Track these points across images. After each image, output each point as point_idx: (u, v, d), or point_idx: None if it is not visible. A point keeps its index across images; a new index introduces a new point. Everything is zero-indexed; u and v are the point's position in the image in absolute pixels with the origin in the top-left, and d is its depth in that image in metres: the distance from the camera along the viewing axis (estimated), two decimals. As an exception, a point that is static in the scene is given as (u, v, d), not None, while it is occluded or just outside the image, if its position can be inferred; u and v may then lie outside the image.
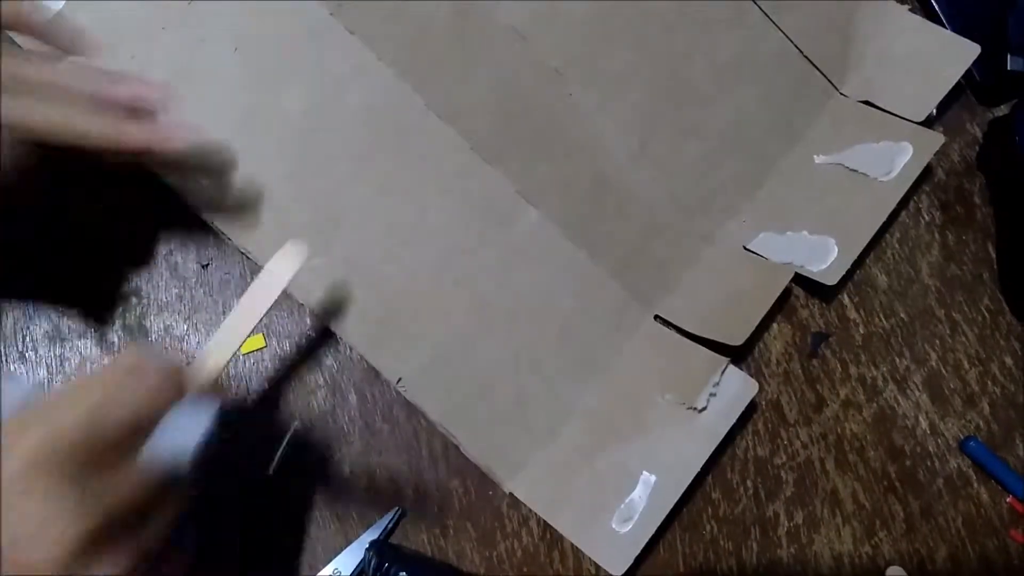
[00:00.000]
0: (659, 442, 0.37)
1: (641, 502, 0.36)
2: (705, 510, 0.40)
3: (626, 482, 0.37)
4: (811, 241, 0.42)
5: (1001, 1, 0.47)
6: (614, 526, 0.36)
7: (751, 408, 0.40)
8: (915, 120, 0.44)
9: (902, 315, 0.44)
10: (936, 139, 0.43)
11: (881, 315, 0.44)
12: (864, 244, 0.42)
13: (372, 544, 0.36)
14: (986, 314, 0.45)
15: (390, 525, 0.36)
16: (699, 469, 0.37)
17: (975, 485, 0.42)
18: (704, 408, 0.38)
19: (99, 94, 0.33)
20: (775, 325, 0.43)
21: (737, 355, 0.39)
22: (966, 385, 0.44)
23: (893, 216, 0.44)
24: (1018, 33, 0.47)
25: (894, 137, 0.44)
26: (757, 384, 0.38)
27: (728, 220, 0.43)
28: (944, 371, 0.44)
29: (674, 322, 0.41)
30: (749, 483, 0.40)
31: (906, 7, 0.47)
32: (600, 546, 0.36)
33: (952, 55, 0.45)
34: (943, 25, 0.47)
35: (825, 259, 0.41)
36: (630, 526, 0.36)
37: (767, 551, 0.40)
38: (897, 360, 0.44)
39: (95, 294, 0.38)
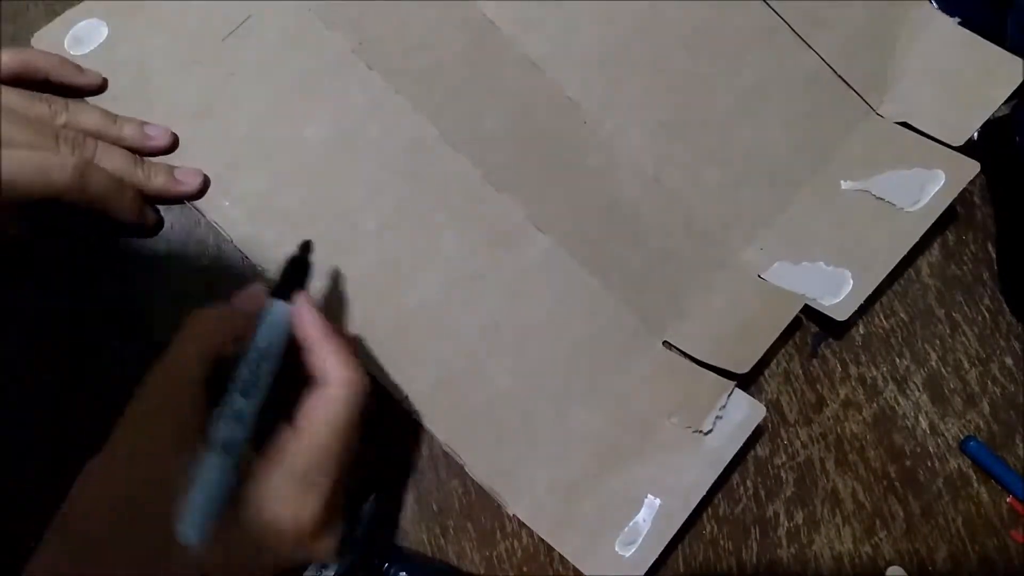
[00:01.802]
0: (664, 466, 0.37)
1: (645, 526, 0.36)
2: (705, 510, 0.40)
3: (631, 506, 0.37)
4: (827, 273, 0.41)
5: (1001, 1, 0.47)
6: (618, 550, 0.36)
7: (758, 432, 0.40)
8: (953, 144, 0.43)
9: (902, 315, 0.44)
10: (971, 167, 0.42)
11: (881, 315, 0.44)
12: (880, 279, 0.41)
13: (372, 544, 0.36)
14: (986, 314, 0.45)
15: (367, 516, 0.36)
16: (704, 493, 0.37)
17: (975, 485, 0.42)
18: (710, 431, 0.37)
19: (106, 134, 0.36)
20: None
21: (744, 379, 0.39)
22: (966, 385, 0.44)
23: (915, 250, 0.42)
24: (1018, 33, 0.47)
25: (927, 163, 0.43)
26: (764, 408, 0.38)
27: (745, 247, 0.43)
28: (944, 371, 0.44)
29: (682, 349, 0.41)
30: (749, 483, 0.40)
31: (955, 20, 0.46)
32: (603, 570, 0.36)
33: (999, 73, 0.44)
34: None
35: (839, 293, 0.41)
36: (633, 550, 0.36)
37: (767, 551, 0.40)
38: (897, 360, 0.44)
39: (95, 294, 0.38)
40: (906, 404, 0.43)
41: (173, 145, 0.39)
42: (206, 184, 0.39)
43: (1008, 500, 0.42)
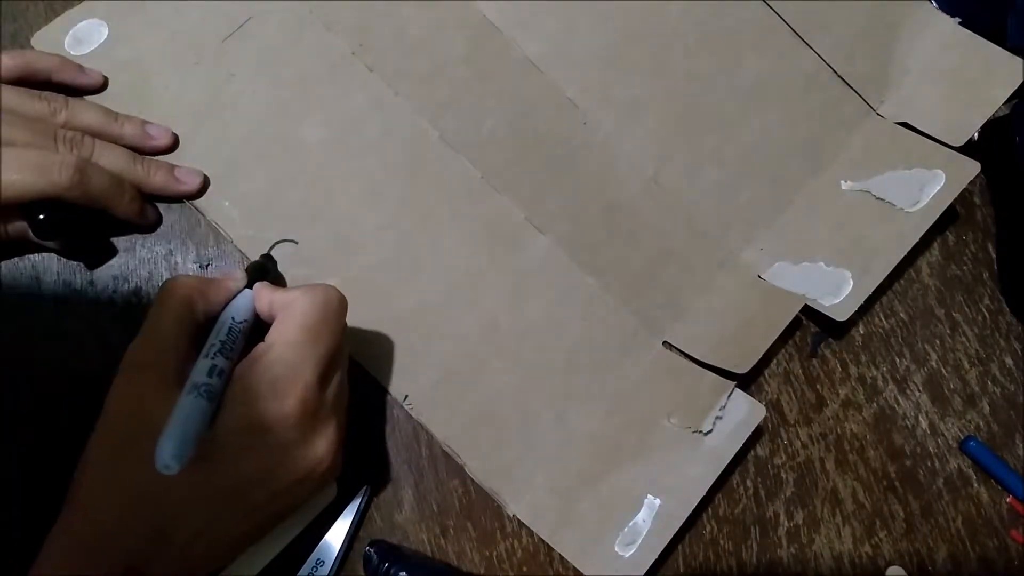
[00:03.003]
0: (664, 466, 0.37)
1: (645, 526, 0.36)
2: (705, 510, 0.40)
3: (630, 506, 0.37)
4: (826, 273, 0.41)
5: (1001, 1, 0.47)
6: (617, 550, 0.36)
7: (758, 433, 0.40)
8: (954, 145, 0.43)
9: (902, 315, 0.44)
10: (971, 168, 0.42)
11: (881, 315, 0.44)
12: (880, 280, 0.41)
13: (372, 544, 0.36)
14: (986, 314, 0.45)
15: (361, 506, 0.36)
16: (704, 493, 0.37)
17: (975, 485, 0.42)
18: (710, 431, 0.37)
19: (106, 132, 0.36)
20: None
21: (744, 379, 0.39)
22: (966, 385, 0.44)
23: (915, 250, 0.42)
24: (1018, 33, 0.47)
25: (928, 164, 0.43)
26: (764, 408, 0.38)
27: (744, 247, 0.43)
28: (944, 371, 0.44)
29: (682, 349, 0.41)
30: (749, 483, 0.40)
31: (956, 20, 0.46)
32: (603, 570, 0.36)
33: (1000, 74, 0.44)
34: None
35: (839, 293, 0.41)
36: (633, 550, 0.36)
37: (767, 551, 0.40)
38: (897, 360, 0.44)
39: (95, 294, 0.38)
40: (906, 404, 0.43)
41: (174, 145, 0.39)
42: (206, 184, 0.39)
43: (1008, 500, 0.42)
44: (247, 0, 0.42)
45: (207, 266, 0.39)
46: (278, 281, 0.37)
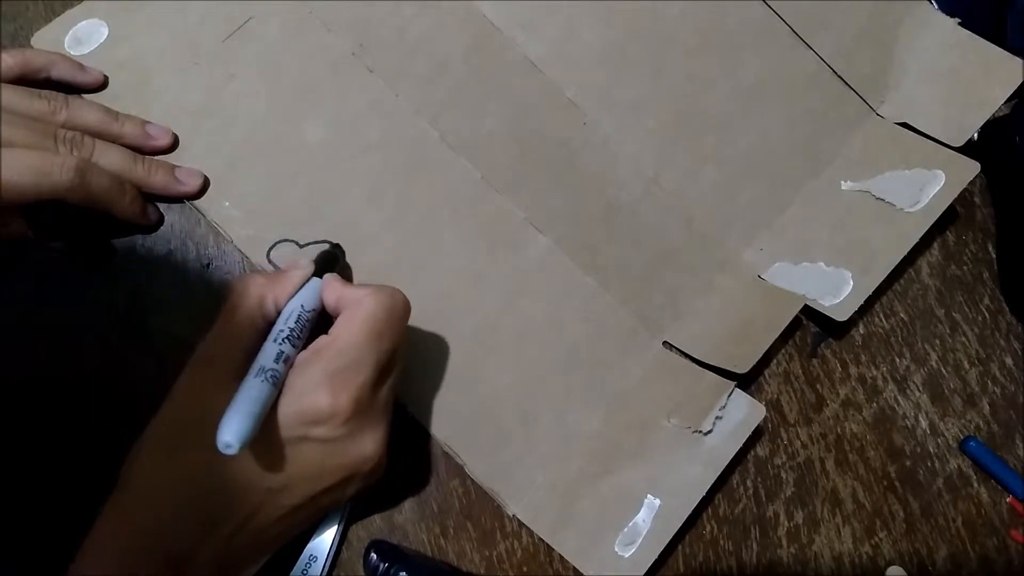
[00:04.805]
0: (664, 466, 0.37)
1: (645, 526, 0.36)
2: (705, 510, 0.40)
3: (630, 506, 0.37)
4: (827, 273, 0.41)
5: (1001, 1, 0.47)
6: (617, 550, 0.36)
7: (757, 433, 0.40)
8: (953, 145, 0.43)
9: (902, 315, 0.44)
10: (971, 168, 0.42)
11: (881, 315, 0.44)
12: (881, 279, 0.41)
13: (372, 544, 0.36)
14: (986, 314, 0.45)
15: (348, 503, 0.36)
16: (704, 494, 0.37)
17: (975, 485, 0.42)
18: (710, 431, 0.37)
19: (107, 131, 0.36)
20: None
21: (744, 379, 0.39)
22: (966, 385, 0.44)
23: (915, 250, 0.42)
24: (1018, 33, 0.47)
25: (927, 164, 0.43)
26: (764, 409, 0.38)
27: (745, 248, 0.43)
28: (944, 371, 0.44)
29: (682, 349, 0.41)
30: (749, 483, 0.40)
31: (955, 20, 0.46)
32: (602, 570, 0.36)
33: (999, 74, 0.44)
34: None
35: (839, 293, 0.41)
36: (633, 550, 0.36)
37: (767, 551, 0.40)
38: (897, 360, 0.44)
39: (95, 294, 0.38)
40: (906, 404, 0.43)
41: (174, 145, 0.39)
42: (206, 185, 0.39)
43: (1008, 500, 0.42)
44: (248, 0, 0.42)
45: (207, 265, 0.39)
46: (344, 271, 0.38)
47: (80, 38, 0.40)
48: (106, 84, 0.39)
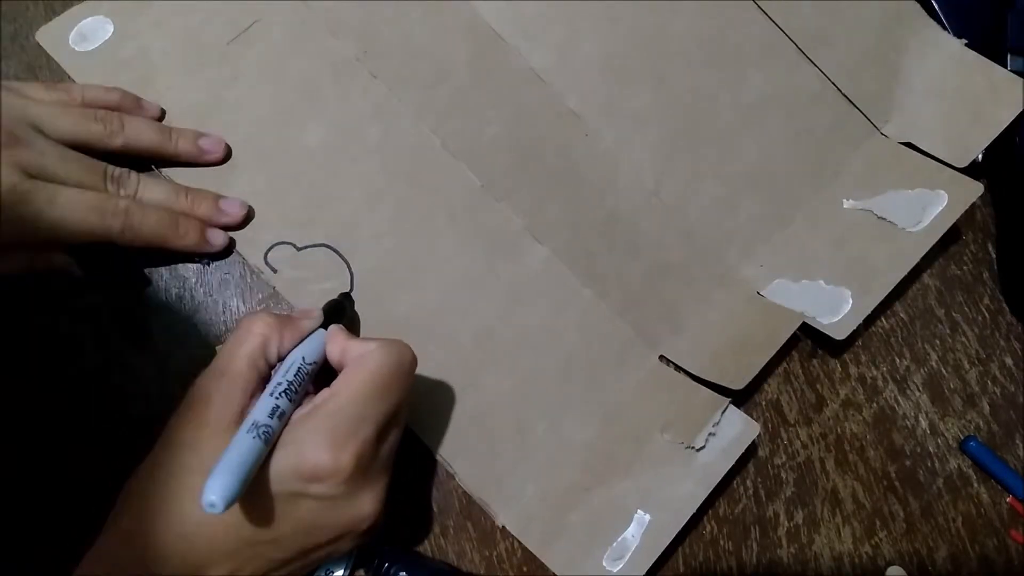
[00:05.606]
0: (656, 481, 0.37)
1: (634, 541, 0.36)
2: (705, 510, 0.40)
3: (620, 520, 0.36)
4: (826, 291, 0.41)
5: (1000, 1, 0.47)
6: (605, 564, 0.36)
7: (751, 450, 0.40)
8: (957, 166, 0.43)
9: (902, 315, 0.44)
10: (975, 189, 0.42)
11: (881, 315, 0.44)
12: (880, 299, 0.41)
13: (372, 544, 0.36)
14: (986, 314, 0.45)
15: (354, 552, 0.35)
16: (694, 511, 0.36)
17: (975, 485, 0.42)
18: (702, 448, 0.37)
19: (162, 152, 0.37)
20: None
21: (740, 395, 0.39)
22: (966, 385, 0.44)
23: (915, 270, 0.42)
24: (1017, 33, 0.47)
25: (930, 184, 0.42)
26: (759, 426, 0.38)
27: (744, 263, 0.43)
28: (944, 371, 0.44)
29: (678, 363, 0.40)
30: (749, 483, 0.40)
31: (962, 40, 0.45)
32: None
33: (1004, 95, 0.44)
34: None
35: (837, 312, 0.40)
36: (621, 565, 0.35)
37: (767, 551, 0.40)
38: (897, 360, 0.44)
39: (95, 296, 0.38)
40: (906, 404, 0.43)
41: (227, 156, 0.39)
42: (250, 215, 0.38)
43: (1008, 500, 0.42)
44: (253, 2, 0.42)
45: (207, 264, 0.39)
46: (353, 321, 0.37)
47: (85, 35, 0.40)
48: (163, 116, 0.39)
